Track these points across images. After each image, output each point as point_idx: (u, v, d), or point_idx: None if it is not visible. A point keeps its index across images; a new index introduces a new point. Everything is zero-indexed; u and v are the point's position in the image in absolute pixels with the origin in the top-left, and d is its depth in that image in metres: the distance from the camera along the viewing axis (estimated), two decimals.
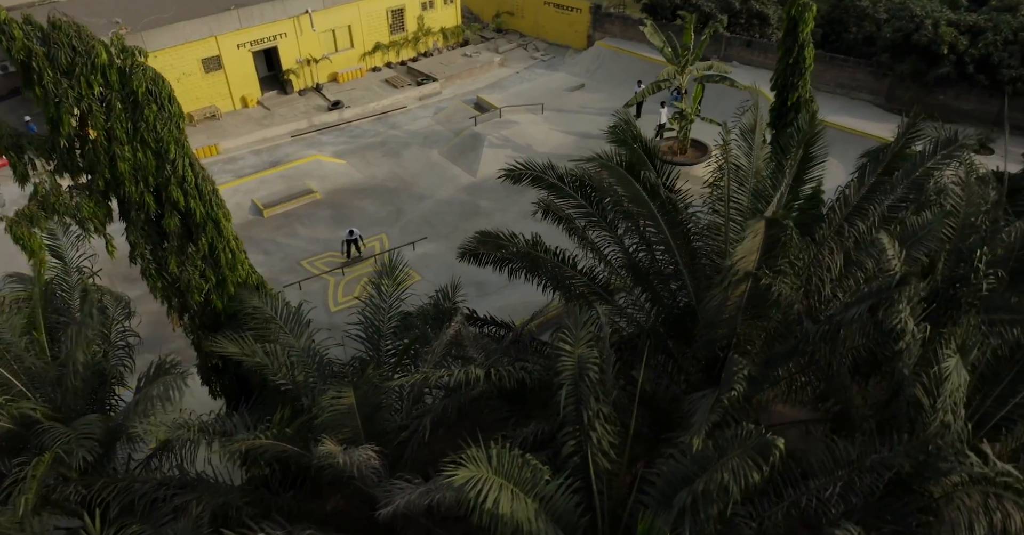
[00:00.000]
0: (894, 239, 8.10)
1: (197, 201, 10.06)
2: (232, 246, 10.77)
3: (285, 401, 10.51)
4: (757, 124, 11.07)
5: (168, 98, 9.55)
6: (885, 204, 9.40)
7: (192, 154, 10.18)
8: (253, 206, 24.93)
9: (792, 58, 14.64)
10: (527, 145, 27.74)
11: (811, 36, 14.58)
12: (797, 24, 14.29)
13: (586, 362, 8.70)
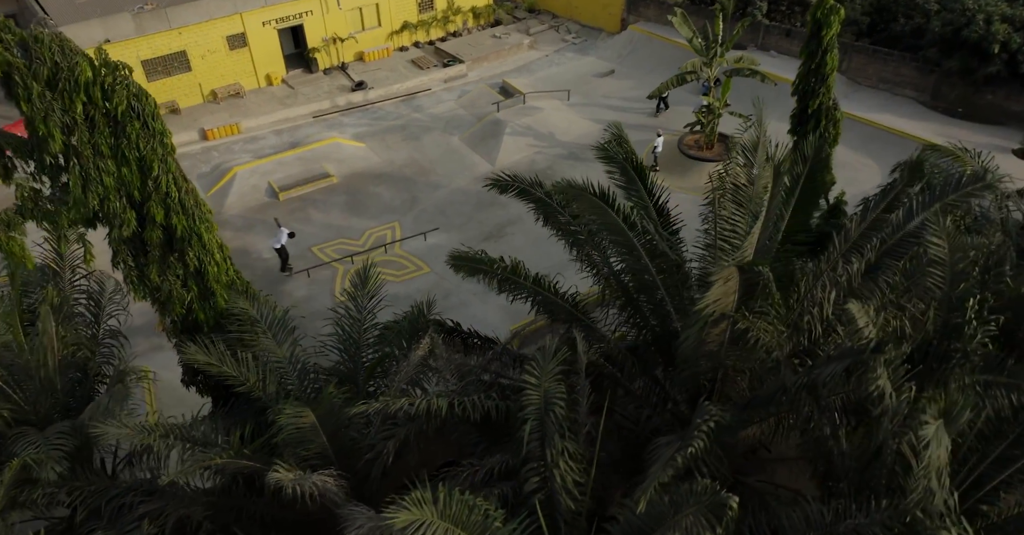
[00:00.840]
0: (868, 305, 7.39)
1: (180, 216, 9.87)
2: (217, 258, 10.57)
3: (256, 411, 10.39)
4: (760, 141, 10.35)
5: (152, 115, 9.33)
6: (878, 249, 8.70)
7: (177, 168, 9.96)
8: (269, 188, 24.88)
9: (815, 63, 13.72)
10: (549, 133, 27.05)
11: (836, 41, 13.63)
12: (821, 27, 13.35)
13: (552, 397, 8.31)
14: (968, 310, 7.56)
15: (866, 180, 23.52)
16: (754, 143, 10.34)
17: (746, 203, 10.22)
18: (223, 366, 9.84)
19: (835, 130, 14.33)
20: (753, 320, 7.84)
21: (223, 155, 27.11)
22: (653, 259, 9.81)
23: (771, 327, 7.94)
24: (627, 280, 10.46)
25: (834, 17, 13.24)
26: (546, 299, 10.60)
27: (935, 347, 7.86)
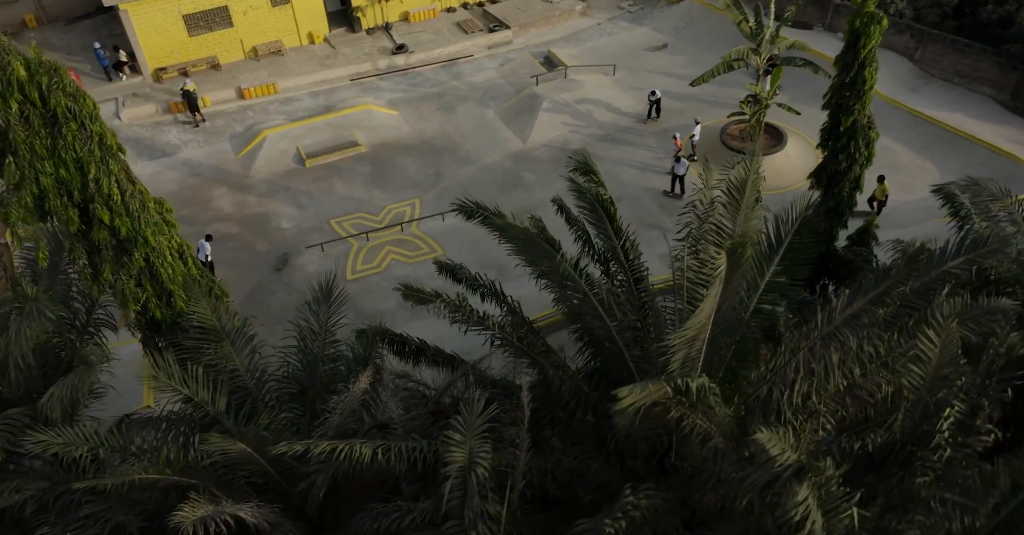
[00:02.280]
0: (782, 432, 6.44)
1: (123, 219, 9.68)
2: (170, 260, 10.39)
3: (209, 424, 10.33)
4: (748, 180, 9.32)
5: (90, 117, 9.07)
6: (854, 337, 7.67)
7: (122, 170, 9.71)
8: (297, 154, 24.74)
9: (849, 77, 12.26)
10: (587, 112, 25.82)
11: (875, 54, 12.09)
12: (859, 38, 11.84)
13: (477, 456, 7.88)
14: (941, 420, 6.66)
15: (922, 188, 21.53)
16: (741, 181, 9.31)
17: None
18: (170, 381, 9.73)
19: (867, 151, 12.90)
20: (687, 410, 7.13)
21: (257, 115, 27.04)
22: (607, 310, 9.08)
23: (706, 419, 7.21)
24: (586, 323, 9.78)
25: (875, 27, 11.70)
26: (502, 333, 10.04)
27: (899, 450, 6.99)
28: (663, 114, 25.61)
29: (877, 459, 7.06)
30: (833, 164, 13.17)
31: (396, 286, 11.06)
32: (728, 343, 8.41)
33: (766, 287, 8.21)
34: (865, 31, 11.66)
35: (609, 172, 23.17)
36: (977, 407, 7.18)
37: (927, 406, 6.95)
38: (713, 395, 7.22)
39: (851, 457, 7.16)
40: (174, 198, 23.55)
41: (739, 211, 9.36)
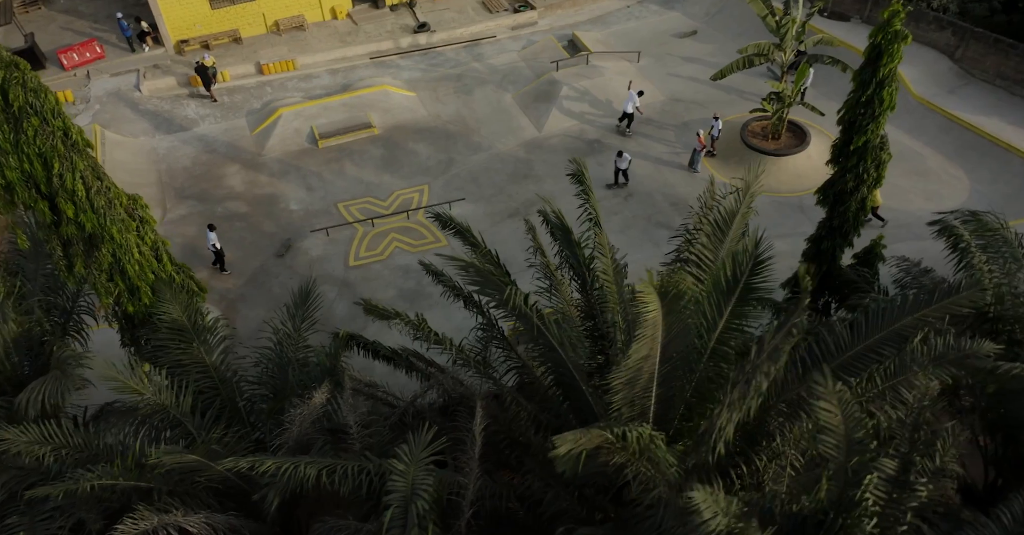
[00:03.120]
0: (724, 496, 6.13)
1: (88, 214, 9.65)
2: (137, 257, 10.37)
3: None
4: (739, 213, 8.87)
5: (52, 112, 8.99)
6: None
7: (88, 166, 9.65)
8: (311, 134, 24.61)
9: (866, 95, 11.52)
10: (606, 101, 25.10)
11: (895, 73, 11.31)
12: (881, 55, 11.05)
13: (419, 488, 7.76)
14: (863, 489, 6.30)
15: (950, 196, 20.67)
16: (730, 214, 8.85)
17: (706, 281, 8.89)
18: (130, 382, 9.78)
19: (876, 173, 12.19)
20: (630, 457, 6.87)
21: (276, 92, 26.91)
22: (561, 344, 8.79)
23: (650, 466, 6.94)
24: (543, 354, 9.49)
25: (897, 46, 10.91)
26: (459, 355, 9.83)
27: (831, 518, 6.65)
28: (685, 106, 24.78)
29: (810, 524, 6.75)
30: (840, 182, 12.53)
31: (357, 300, 10.89)
32: (684, 383, 8.09)
33: (725, 327, 7.82)
34: (888, 49, 10.90)
35: None
36: (909, 463, 6.86)
37: (847, 472, 6.60)
38: (655, 444, 6.94)
39: (788, 520, 6.86)
40: (188, 174, 23.76)
41: (723, 244, 8.92)
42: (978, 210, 11.72)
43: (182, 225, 22.04)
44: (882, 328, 7.85)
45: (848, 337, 8.16)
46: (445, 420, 10.54)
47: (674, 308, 6.93)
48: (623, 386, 7.23)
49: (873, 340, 7.93)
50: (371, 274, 20.21)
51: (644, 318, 6.72)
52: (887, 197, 20.75)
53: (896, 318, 7.78)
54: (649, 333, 6.86)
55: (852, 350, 8.03)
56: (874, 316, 8.07)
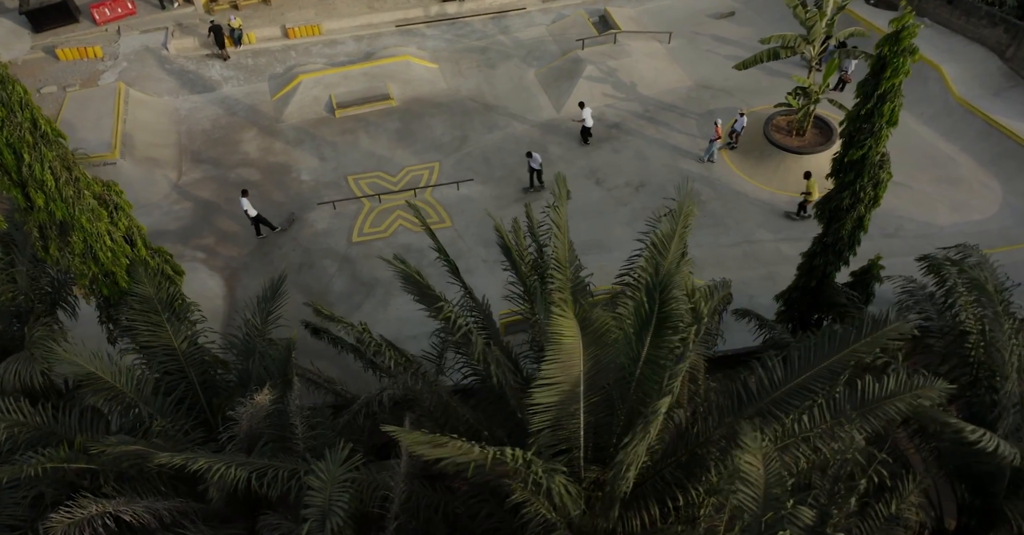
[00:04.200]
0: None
1: (58, 203, 9.79)
2: (108, 244, 10.52)
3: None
4: (675, 234, 8.51)
5: (20, 103, 9.05)
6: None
7: (59, 158, 9.74)
8: (328, 103, 24.51)
9: (866, 108, 10.81)
10: (630, 83, 24.30)
11: (899, 88, 10.54)
12: (886, 67, 10.31)
13: (335, 504, 7.84)
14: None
15: (979, 208, 19.60)
16: (667, 236, 8.50)
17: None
18: (87, 366, 9.99)
19: (874, 192, 11.53)
20: (530, 494, 6.77)
21: (299, 56, 26.79)
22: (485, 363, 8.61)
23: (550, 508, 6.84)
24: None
25: (902, 60, 10.15)
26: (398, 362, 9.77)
27: None
28: (712, 94, 23.84)
29: None
30: (837, 199, 11.92)
31: (306, 301, 10.89)
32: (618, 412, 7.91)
33: (647, 359, 7.56)
34: (892, 62, 10.18)
35: (639, 154, 22.05)
36: (826, 515, 6.64)
37: (761, 526, 6.39)
38: (561, 486, 6.83)
39: None
40: (206, 137, 23.98)
41: (663, 267, 8.56)
42: (971, 245, 11.07)
43: (195, 189, 22.36)
44: (813, 364, 7.52)
45: (781, 373, 7.85)
46: (401, 416, 10.58)
47: (597, 340, 6.72)
48: (543, 409, 7.10)
49: (804, 378, 7.61)
50: (372, 251, 20.23)
51: (557, 342, 6.50)
52: (912, 204, 19.80)
53: (827, 354, 7.43)
54: (564, 358, 6.68)
55: (784, 387, 7.72)
56: (805, 352, 7.74)
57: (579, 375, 7.13)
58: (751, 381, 8.09)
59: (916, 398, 8.07)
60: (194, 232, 21.04)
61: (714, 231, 19.68)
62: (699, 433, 8.08)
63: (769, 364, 8.01)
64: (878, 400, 8.02)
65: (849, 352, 7.59)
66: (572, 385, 7.17)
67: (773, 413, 7.85)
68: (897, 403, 8.02)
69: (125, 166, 22.01)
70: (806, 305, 13.97)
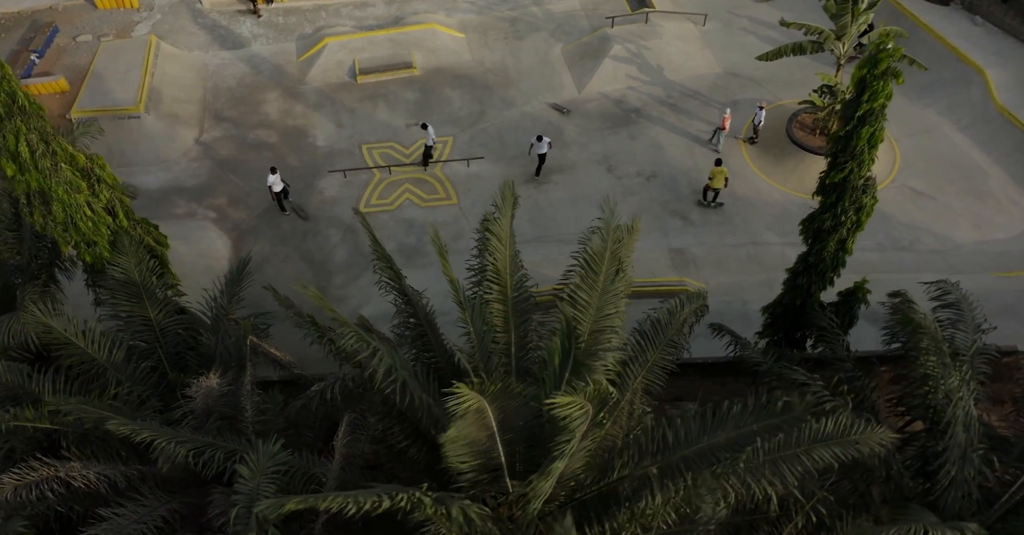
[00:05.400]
0: None
1: (32, 174, 10.11)
2: (88, 214, 10.86)
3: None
4: (607, 251, 8.40)
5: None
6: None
7: (36, 130, 10.02)
8: (352, 68, 24.48)
9: (844, 131, 10.37)
10: (657, 66, 23.60)
11: (881, 112, 10.03)
12: (865, 90, 9.82)
13: (260, 495, 8.16)
14: None
15: (1004, 227, 18.73)
16: (599, 253, 8.39)
17: (581, 320, 8.53)
18: (62, 332, 10.47)
19: (856, 217, 11.12)
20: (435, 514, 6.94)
21: (329, 18, 26.67)
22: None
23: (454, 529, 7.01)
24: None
25: (881, 85, 9.63)
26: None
27: None
28: (740, 83, 23.00)
29: None
30: (819, 219, 11.57)
31: (265, 285, 11.12)
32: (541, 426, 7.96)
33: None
34: (871, 85, 9.72)
35: (655, 142, 21.58)
36: None
37: None
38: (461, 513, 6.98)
39: None
40: (230, 95, 24.25)
41: (596, 286, 8.47)
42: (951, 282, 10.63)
43: (214, 147, 22.75)
44: (726, 429, 7.41)
45: (696, 428, 7.76)
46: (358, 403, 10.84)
47: (504, 397, 6.74)
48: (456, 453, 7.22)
49: (715, 441, 7.51)
50: (377, 223, 20.37)
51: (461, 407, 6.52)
52: (932, 217, 19.02)
53: (741, 424, 7.30)
54: (472, 418, 6.73)
55: (696, 446, 7.64)
56: (722, 414, 7.62)
57: (492, 428, 7.12)
58: (669, 431, 7.96)
59: (854, 445, 7.89)
60: (208, 191, 21.49)
61: (719, 229, 19.27)
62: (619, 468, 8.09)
63: (688, 415, 7.90)
64: (814, 442, 7.85)
65: (763, 427, 7.36)
66: (484, 436, 7.18)
67: (690, 464, 7.76)
68: (834, 448, 7.87)
69: (148, 120, 22.48)
70: (790, 322, 13.71)
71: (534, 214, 20.10)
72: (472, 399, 6.33)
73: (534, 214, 20.10)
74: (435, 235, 9.21)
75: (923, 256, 18.11)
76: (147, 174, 21.74)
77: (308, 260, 19.72)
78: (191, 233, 19.93)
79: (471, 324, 8.54)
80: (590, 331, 8.52)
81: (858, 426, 7.97)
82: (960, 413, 8.56)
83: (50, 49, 24.84)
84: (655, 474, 7.56)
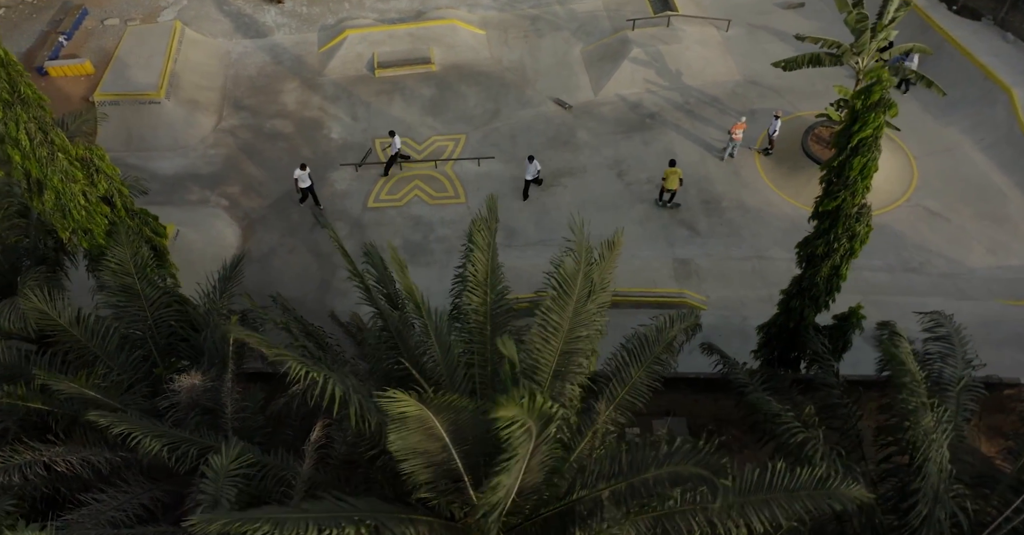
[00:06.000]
0: None
1: (31, 162, 10.35)
2: (83, 203, 11.08)
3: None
4: (579, 273, 8.36)
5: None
6: None
7: (35, 119, 10.22)
8: (370, 61, 24.57)
9: (837, 161, 10.18)
10: (675, 71, 23.33)
11: (875, 143, 9.81)
12: (857, 121, 9.63)
13: (223, 496, 8.34)
14: None
15: (1020, 253, 18.23)
16: (571, 275, 8.35)
17: (550, 340, 8.52)
18: (58, 319, 10.71)
19: (849, 244, 10.92)
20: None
21: (352, 9, 26.76)
22: None
23: None
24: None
25: (874, 116, 9.42)
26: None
27: None
28: (759, 92, 22.69)
29: None
30: (812, 245, 11.41)
31: (243, 293, 11.24)
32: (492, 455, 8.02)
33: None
34: (863, 117, 9.54)
35: (667, 148, 21.37)
36: None
37: None
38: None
39: None
40: (250, 84, 24.50)
41: (568, 307, 8.43)
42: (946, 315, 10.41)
43: (231, 135, 23.03)
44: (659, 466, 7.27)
45: (641, 458, 7.66)
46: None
47: (449, 409, 6.80)
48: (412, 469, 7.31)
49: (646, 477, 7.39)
50: (385, 219, 20.56)
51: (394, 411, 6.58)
52: (946, 240, 18.59)
53: (671, 461, 7.16)
54: (414, 426, 6.79)
55: (637, 477, 7.55)
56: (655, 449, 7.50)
57: (443, 439, 7.15)
58: (627, 456, 7.89)
59: (827, 499, 7.67)
60: (223, 179, 21.79)
61: (726, 241, 19.07)
62: (578, 489, 8.08)
63: (635, 443, 7.84)
64: (786, 491, 7.68)
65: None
66: (437, 447, 7.22)
67: (639, 493, 7.69)
68: (806, 501, 7.68)
69: (168, 106, 22.82)
70: (784, 343, 13.56)
71: (540, 216, 20.07)
72: (410, 405, 6.39)
73: (540, 216, 20.07)
74: (393, 251, 9.28)
75: (933, 279, 17.75)
76: (164, 159, 22.12)
77: (315, 252, 19.91)
78: (203, 220, 20.26)
79: (433, 336, 8.59)
80: (560, 352, 8.51)
81: (833, 479, 7.71)
82: (934, 454, 8.41)
83: (78, 31, 25.30)
84: (608, 498, 7.55)
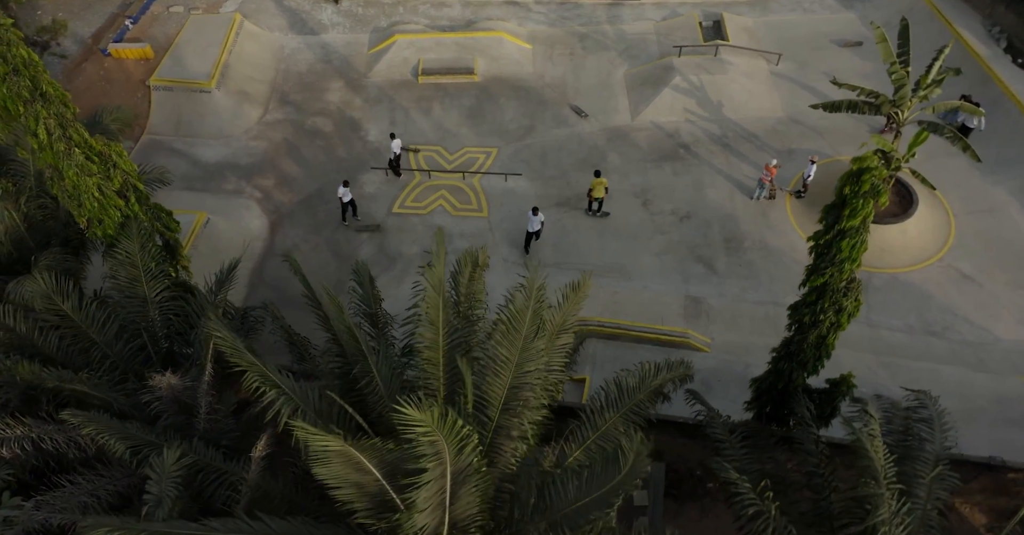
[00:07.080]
0: None
1: (48, 153, 10.92)
2: (97, 195, 11.62)
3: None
4: (528, 309, 8.42)
5: (23, 63, 10.09)
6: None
7: (54, 116, 10.76)
8: (415, 67, 24.93)
9: (824, 239, 9.96)
10: (717, 103, 22.94)
11: (863, 229, 9.53)
12: (846, 204, 9.39)
13: (165, 496, 8.70)
14: None
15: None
16: (520, 311, 8.40)
17: (500, 374, 8.60)
18: (60, 303, 11.28)
19: (836, 318, 10.62)
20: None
21: (406, 14, 27.17)
22: None
23: None
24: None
25: (862, 203, 9.16)
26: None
27: None
28: (800, 131, 22.09)
29: None
30: (800, 312, 11.17)
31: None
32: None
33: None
34: (851, 202, 9.33)
35: (697, 182, 21.09)
36: None
37: None
38: None
39: None
40: (298, 80, 25.16)
41: (517, 343, 8.49)
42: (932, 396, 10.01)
43: (274, 129, 23.71)
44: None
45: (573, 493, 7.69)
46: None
47: (373, 449, 6.95)
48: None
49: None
50: (407, 226, 20.87)
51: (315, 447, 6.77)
52: (974, 305, 17.79)
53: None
54: (337, 461, 6.97)
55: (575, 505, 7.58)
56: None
57: (374, 474, 7.31)
58: (561, 489, 7.98)
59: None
60: (259, 171, 22.45)
61: (743, 284, 18.70)
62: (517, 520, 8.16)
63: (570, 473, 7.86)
64: None
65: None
66: (370, 480, 7.37)
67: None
68: None
69: (217, 96, 23.63)
70: (773, 400, 13.29)
71: (559, 238, 20.04)
72: (332, 442, 6.58)
73: (559, 238, 20.04)
74: (361, 267, 9.47)
75: (953, 346, 17.04)
76: (208, 147, 22.95)
77: (335, 252, 20.37)
78: (234, 210, 20.95)
79: (376, 370, 8.77)
80: (509, 386, 8.59)
81: None
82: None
83: (144, 16, 26.41)
84: (542, 530, 7.60)
